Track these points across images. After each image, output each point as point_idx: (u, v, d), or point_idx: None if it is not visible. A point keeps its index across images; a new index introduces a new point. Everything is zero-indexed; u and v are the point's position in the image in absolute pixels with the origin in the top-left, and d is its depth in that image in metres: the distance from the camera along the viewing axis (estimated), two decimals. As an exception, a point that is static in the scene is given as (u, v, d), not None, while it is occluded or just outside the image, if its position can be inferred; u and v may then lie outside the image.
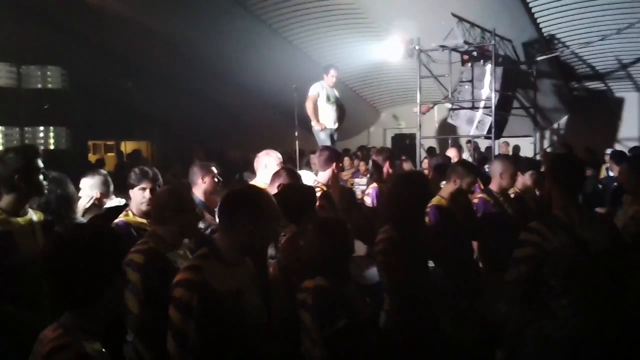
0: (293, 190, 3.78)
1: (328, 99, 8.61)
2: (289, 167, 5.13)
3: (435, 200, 4.60)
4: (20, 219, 3.32)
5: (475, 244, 4.90)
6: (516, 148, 13.98)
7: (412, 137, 14.94)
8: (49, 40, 12.98)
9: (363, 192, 7.91)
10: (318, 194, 4.68)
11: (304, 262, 3.12)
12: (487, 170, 7.91)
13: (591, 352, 2.99)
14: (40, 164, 3.36)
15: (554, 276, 3.00)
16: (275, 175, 4.37)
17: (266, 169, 5.10)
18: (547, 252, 2.98)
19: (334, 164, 5.17)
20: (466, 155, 11.45)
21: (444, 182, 6.60)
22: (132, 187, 4.04)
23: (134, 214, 3.95)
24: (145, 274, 2.95)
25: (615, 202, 5.90)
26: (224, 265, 2.59)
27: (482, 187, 5.84)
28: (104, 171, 4.85)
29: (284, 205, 3.62)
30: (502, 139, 12.56)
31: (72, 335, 1.87)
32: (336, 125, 8.79)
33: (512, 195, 5.31)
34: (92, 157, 16.55)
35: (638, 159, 4.63)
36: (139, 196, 3.96)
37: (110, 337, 2.06)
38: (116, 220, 3.96)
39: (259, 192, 2.82)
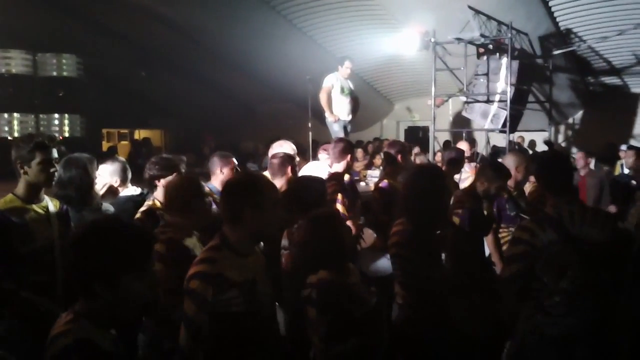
0: (304, 183, 3.78)
1: (342, 90, 8.59)
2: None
3: (466, 203, 4.48)
4: (35, 206, 3.36)
5: (489, 239, 4.86)
6: (532, 143, 13.89)
7: (425, 129, 14.90)
8: (64, 28, 13.05)
9: (376, 184, 7.92)
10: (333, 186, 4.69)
11: (305, 257, 3.11)
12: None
13: (584, 349, 3.00)
14: (52, 154, 3.37)
15: (546, 273, 3.01)
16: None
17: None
18: (538, 249, 3.00)
19: (349, 156, 5.16)
20: (481, 148, 11.41)
21: (456, 176, 6.58)
22: (159, 177, 4.07)
23: (161, 203, 3.92)
24: (167, 263, 2.96)
25: (627, 198, 5.84)
26: (237, 255, 2.60)
27: None
28: (122, 158, 4.87)
29: (296, 198, 3.62)
30: (517, 133, 12.47)
31: (79, 322, 1.88)
32: (350, 117, 8.78)
33: (529, 189, 5.27)
34: (105, 145, 16.65)
35: None
36: None
37: (125, 326, 2.07)
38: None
39: (256, 178, 2.81)
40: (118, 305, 1.92)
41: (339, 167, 5.15)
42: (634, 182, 6.97)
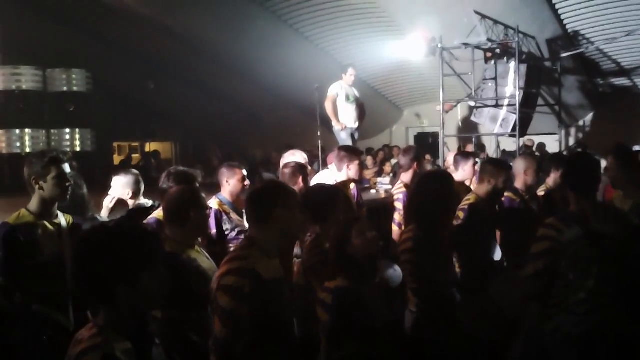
0: (318, 191, 3.78)
1: (347, 98, 8.61)
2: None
3: (471, 199, 4.53)
4: (47, 222, 3.38)
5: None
6: (541, 145, 13.82)
7: (435, 135, 14.85)
8: (73, 44, 13.16)
9: (386, 191, 7.91)
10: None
11: (328, 262, 3.12)
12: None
13: (608, 349, 3.03)
14: (65, 168, 3.39)
15: (571, 269, 3.05)
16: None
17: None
18: (564, 245, 3.05)
19: (348, 164, 5.15)
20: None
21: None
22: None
23: None
24: None
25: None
26: (265, 255, 2.65)
27: None
28: (135, 171, 4.89)
29: (309, 206, 3.62)
30: (526, 137, 12.43)
31: (104, 336, 1.88)
32: (357, 124, 8.79)
33: (541, 193, 5.24)
34: (117, 159, 16.73)
35: (625, 153, 4.50)
36: None
37: (142, 339, 2.07)
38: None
39: (281, 183, 2.99)
40: (140, 306, 1.96)
41: (342, 175, 5.15)
42: None
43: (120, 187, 4.57)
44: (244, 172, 4.88)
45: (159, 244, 2.07)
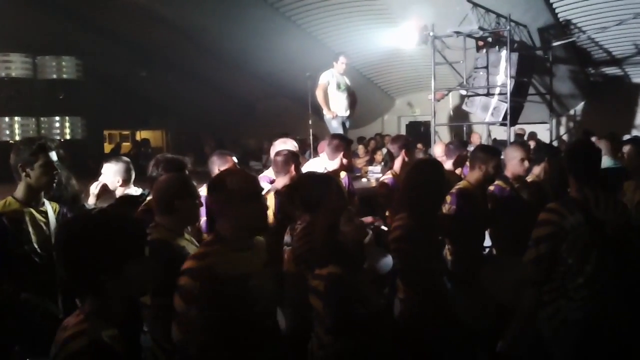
0: (309, 179, 3.77)
1: (339, 86, 8.62)
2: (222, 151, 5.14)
3: (461, 184, 4.55)
4: (33, 210, 3.37)
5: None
6: (532, 134, 13.83)
7: (427, 124, 14.83)
8: (63, 31, 13.05)
9: (377, 180, 7.92)
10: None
11: (318, 250, 3.12)
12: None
13: (606, 334, 3.07)
14: (52, 157, 3.37)
15: (572, 254, 3.08)
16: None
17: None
18: (566, 230, 3.08)
19: (343, 153, 5.15)
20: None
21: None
22: None
23: None
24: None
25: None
26: (231, 250, 2.61)
27: None
28: (126, 158, 4.87)
29: (299, 195, 3.62)
30: (517, 126, 12.44)
31: (91, 322, 1.87)
32: (348, 113, 8.80)
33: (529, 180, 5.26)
34: (107, 147, 16.65)
35: None
36: None
37: (130, 326, 2.07)
38: None
39: (228, 174, 2.84)
40: (125, 295, 1.95)
41: (334, 164, 5.15)
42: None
43: (111, 174, 4.54)
44: (235, 159, 4.87)
45: (143, 233, 2.04)
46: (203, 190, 4.46)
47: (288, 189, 4.06)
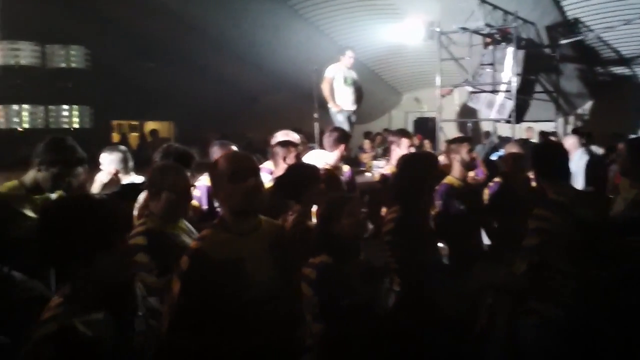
0: (294, 169, 3.80)
1: (345, 80, 8.63)
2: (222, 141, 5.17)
3: (446, 180, 4.56)
4: (38, 197, 3.47)
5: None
6: (541, 134, 13.78)
7: (434, 120, 14.85)
8: (72, 20, 13.11)
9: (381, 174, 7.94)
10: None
11: (312, 239, 3.17)
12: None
13: (591, 336, 3.02)
14: (69, 172, 3.49)
15: (556, 255, 3.07)
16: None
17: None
18: (554, 235, 3.06)
19: (343, 145, 5.18)
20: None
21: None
22: None
23: None
24: (152, 254, 2.92)
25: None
26: (231, 234, 2.59)
27: (485, 172, 5.79)
28: (123, 147, 4.89)
29: (287, 184, 3.66)
30: (524, 124, 12.41)
31: (67, 305, 1.86)
32: (354, 107, 8.80)
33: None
34: (116, 137, 16.73)
35: (637, 140, 4.53)
36: None
37: (121, 310, 2.07)
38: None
39: (221, 156, 2.76)
40: (97, 284, 1.91)
41: (333, 156, 5.18)
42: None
43: (107, 163, 4.59)
44: (236, 149, 4.91)
45: (121, 225, 2.00)
46: (204, 180, 4.52)
47: (279, 178, 4.10)
